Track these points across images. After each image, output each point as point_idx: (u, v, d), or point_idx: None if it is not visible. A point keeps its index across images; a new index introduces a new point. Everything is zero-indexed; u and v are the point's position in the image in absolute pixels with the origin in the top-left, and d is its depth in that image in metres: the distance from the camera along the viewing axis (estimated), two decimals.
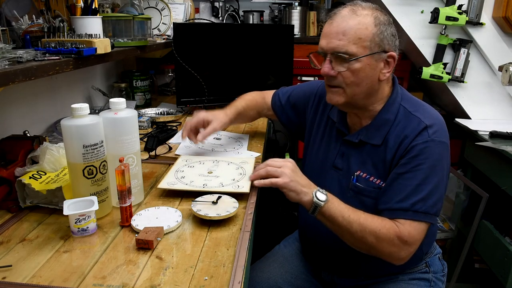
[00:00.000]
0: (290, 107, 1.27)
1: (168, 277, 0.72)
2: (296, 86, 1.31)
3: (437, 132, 0.93)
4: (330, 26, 0.94)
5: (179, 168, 1.14)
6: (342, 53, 0.91)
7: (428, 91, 2.49)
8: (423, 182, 0.91)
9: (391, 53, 0.95)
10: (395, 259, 0.92)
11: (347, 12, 0.93)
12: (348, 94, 0.96)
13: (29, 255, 0.78)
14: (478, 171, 1.83)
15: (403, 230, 0.90)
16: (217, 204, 0.94)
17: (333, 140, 1.09)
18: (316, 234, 1.10)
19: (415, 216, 0.91)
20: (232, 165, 1.17)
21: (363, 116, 1.02)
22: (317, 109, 1.17)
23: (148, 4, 1.99)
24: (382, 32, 0.92)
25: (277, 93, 1.32)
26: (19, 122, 1.29)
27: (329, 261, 1.12)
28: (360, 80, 0.94)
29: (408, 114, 0.97)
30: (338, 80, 0.95)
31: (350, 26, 0.91)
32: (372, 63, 0.93)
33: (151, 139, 1.35)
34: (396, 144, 0.95)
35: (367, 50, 0.92)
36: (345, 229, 0.91)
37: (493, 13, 1.94)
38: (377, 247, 0.91)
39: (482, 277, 1.98)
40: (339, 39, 0.91)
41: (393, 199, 0.93)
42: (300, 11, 2.48)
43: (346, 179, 1.04)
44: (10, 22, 1.09)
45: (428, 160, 0.91)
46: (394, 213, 0.93)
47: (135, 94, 1.97)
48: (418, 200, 0.91)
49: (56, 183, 0.93)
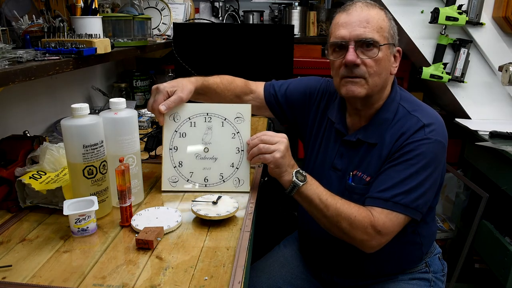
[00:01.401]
0: (286, 99, 1.20)
1: (168, 277, 0.72)
2: (295, 80, 1.24)
3: (434, 131, 0.93)
4: (350, 16, 0.94)
5: (172, 144, 1.05)
6: (369, 39, 0.92)
7: (428, 91, 2.49)
8: (410, 177, 0.91)
9: (399, 48, 0.99)
10: (366, 247, 0.93)
11: (363, 4, 0.96)
12: (370, 85, 0.95)
13: (29, 255, 0.78)
14: (478, 171, 1.83)
15: (378, 220, 0.90)
16: (217, 204, 0.94)
17: (332, 140, 1.08)
18: (315, 235, 1.10)
19: (393, 207, 0.91)
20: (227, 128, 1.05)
21: (364, 115, 1.02)
22: (318, 108, 1.15)
23: (148, 4, 1.99)
24: (393, 27, 0.97)
25: (270, 84, 1.23)
26: (19, 122, 1.29)
27: (328, 261, 1.12)
28: (381, 70, 0.95)
29: (407, 113, 0.97)
30: (361, 69, 0.94)
31: (372, 16, 0.93)
32: (388, 54, 0.96)
33: (151, 139, 1.35)
34: (392, 141, 0.96)
35: (386, 40, 0.95)
36: (321, 212, 0.92)
37: (493, 13, 1.94)
38: (350, 233, 0.91)
39: (482, 277, 1.98)
40: (364, 26, 0.92)
41: (377, 188, 0.94)
42: (300, 11, 2.48)
43: (344, 180, 1.04)
44: (10, 22, 1.09)
45: (420, 157, 0.91)
46: (374, 201, 0.93)
47: (135, 94, 1.97)
48: (400, 192, 0.91)
49: (56, 183, 0.93)
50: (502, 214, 1.77)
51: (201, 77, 1.16)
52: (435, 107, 2.47)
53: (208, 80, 1.16)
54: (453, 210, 2.14)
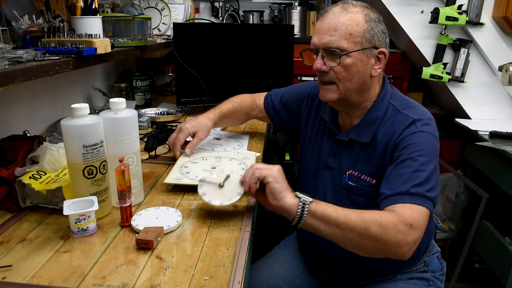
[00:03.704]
0: (283, 108, 1.27)
1: (168, 277, 0.72)
2: (288, 87, 1.31)
3: (426, 125, 0.94)
4: (322, 23, 0.96)
5: (183, 164, 1.16)
6: (334, 48, 0.93)
7: (428, 91, 2.49)
8: (419, 169, 0.88)
9: (382, 49, 0.97)
10: (404, 248, 0.81)
11: (338, 9, 0.95)
12: (341, 90, 0.97)
13: (29, 255, 0.78)
14: (478, 171, 1.83)
15: (404, 214, 0.82)
16: (223, 188, 0.93)
17: (325, 139, 1.10)
18: (314, 235, 1.09)
19: (412, 199, 0.85)
20: (235, 161, 1.19)
21: (354, 115, 1.03)
22: (310, 110, 1.18)
23: (148, 4, 1.99)
24: (373, 28, 0.95)
25: (269, 95, 1.32)
26: (19, 122, 1.29)
27: (327, 262, 1.12)
28: (352, 75, 0.95)
29: (397, 111, 0.98)
30: (330, 75, 0.96)
31: (341, 22, 0.93)
32: (363, 58, 0.95)
33: (151, 139, 1.35)
34: (385, 140, 0.96)
35: (358, 45, 0.93)
36: (344, 225, 0.80)
37: (493, 13, 1.94)
38: (383, 237, 0.80)
39: (482, 277, 1.98)
40: (330, 35, 0.93)
41: (388, 188, 0.88)
42: (300, 11, 2.48)
43: (338, 179, 1.04)
44: (10, 22, 1.09)
45: (420, 148, 0.90)
46: (390, 199, 0.86)
47: (135, 94, 1.97)
48: (415, 184, 0.86)
49: (56, 183, 0.93)
50: (502, 214, 1.77)
51: (217, 109, 1.32)
52: (435, 107, 2.48)
53: (222, 110, 1.33)
54: (453, 210, 2.14)
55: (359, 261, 1.03)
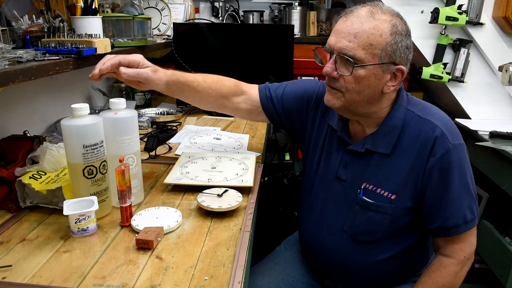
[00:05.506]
0: (283, 105, 1.13)
1: (168, 277, 0.72)
2: (290, 83, 1.17)
3: (454, 135, 0.91)
4: (343, 24, 0.87)
5: (183, 164, 1.16)
6: (349, 57, 0.84)
7: (428, 91, 2.49)
8: (463, 192, 0.92)
9: (401, 66, 0.87)
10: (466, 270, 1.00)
11: (365, 12, 0.86)
12: (346, 100, 0.90)
13: (29, 255, 0.78)
14: (478, 171, 1.83)
15: (462, 250, 0.96)
16: (222, 197, 0.96)
17: (334, 149, 1.02)
18: (318, 242, 1.06)
19: (467, 226, 0.93)
20: (235, 161, 1.19)
21: (366, 124, 0.96)
22: (316, 113, 1.09)
23: (148, 4, 1.99)
24: (397, 42, 0.85)
25: (266, 87, 1.16)
26: (19, 122, 1.29)
27: (332, 269, 1.07)
28: (362, 88, 0.87)
29: (419, 118, 0.92)
30: (339, 83, 0.89)
31: (364, 29, 0.83)
32: (378, 73, 0.86)
33: (151, 139, 1.35)
34: (412, 153, 0.91)
35: (376, 58, 0.84)
36: None
37: (493, 13, 1.94)
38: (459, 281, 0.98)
39: (482, 277, 1.98)
40: (348, 40, 0.84)
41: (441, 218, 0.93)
42: (300, 11, 2.48)
43: (351, 191, 0.98)
44: (10, 22, 1.09)
45: (457, 169, 0.90)
46: (449, 231, 0.93)
47: (135, 94, 1.97)
48: (465, 211, 0.92)
49: (56, 183, 0.93)
50: (502, 214, 1.77)
51: (180, 71, 1.06)
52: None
53: (186, 76, 1.06)
54: None
55: (365, 271, 1.01)
